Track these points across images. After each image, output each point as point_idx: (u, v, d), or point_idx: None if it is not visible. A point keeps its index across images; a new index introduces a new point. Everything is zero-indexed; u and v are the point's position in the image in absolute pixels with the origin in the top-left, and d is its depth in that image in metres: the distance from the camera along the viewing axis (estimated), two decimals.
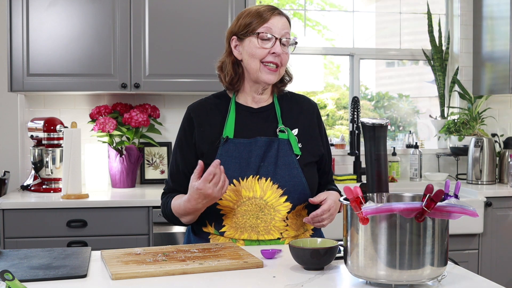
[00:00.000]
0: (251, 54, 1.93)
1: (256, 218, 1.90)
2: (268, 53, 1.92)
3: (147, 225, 3.06)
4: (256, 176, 1.90)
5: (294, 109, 2.05)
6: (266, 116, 2.01)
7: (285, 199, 1.91)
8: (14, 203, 2.99)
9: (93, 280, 1.54)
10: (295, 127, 2.01)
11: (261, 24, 1.92)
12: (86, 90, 3.33)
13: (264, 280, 1.53)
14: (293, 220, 1.94)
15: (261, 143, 1.93)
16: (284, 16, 1.97)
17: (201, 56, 3.39)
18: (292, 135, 1.98)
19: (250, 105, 2.02)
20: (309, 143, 2.01)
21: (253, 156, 1.92)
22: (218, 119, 1.98)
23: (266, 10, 1.95)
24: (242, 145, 1.93)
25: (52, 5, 3.27)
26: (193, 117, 2.00)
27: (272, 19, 1.93)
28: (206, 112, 2.01)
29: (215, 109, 2.01)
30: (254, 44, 1.92)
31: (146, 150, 3.68)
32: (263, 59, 1.92)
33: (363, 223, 1.41)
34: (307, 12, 4.19)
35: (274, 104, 2.04)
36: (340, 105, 4.28)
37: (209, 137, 1.96)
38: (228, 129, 1.95)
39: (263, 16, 1.93)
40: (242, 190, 1.89)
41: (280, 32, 1.93)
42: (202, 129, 1.97)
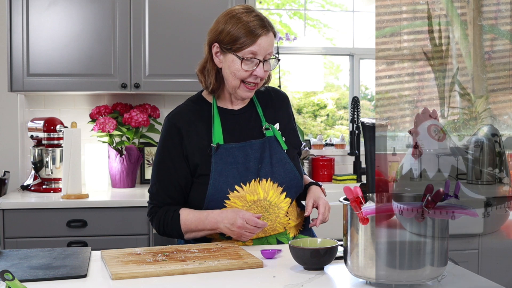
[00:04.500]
0: (232, 72, 1.89)
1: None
2: (250, 74, 1.89)
3: (147, 225, 3.06)
4: (257, 179, 1.91)
5: (271, 104, 2.05)
6: (249, 116, 2.01)
7: (285, 195, 1.94)
8: (14, 203, 2.99)
9: (93, 280, 1.54)
10: (276, 121, 2.02)
11: (248, 46, 1.85)
12: (86, 90, 3.33)
13: (264, 280, 1.53)
14: (291, 211, 1.98)
15: (257, 146, 1.94)
16: (271, 32, 1.90)
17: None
18: (277, 131, 1.99)
19: (231, 107, 2.00)
20: (290, 135, 2.04)
21: (251, 160, 1.92)
22: (204, 126, 1.95)
23: (253, 30, 1.86)
24: (235, 149, 1.92)
25: (52, 5, 3.27)
26: (180, 127, 1.94)
27: (260, 40, 1.86)
28: (189, 120, 1.95)
29: (197, 116, 1.97)
30: (236, 65, 1.87)
31: (146, 150, 3.68)
32: (244, 79, 1.90)
33: (363, 223, 1.41)
34: (308, 12, 4.19)
35: (254, 103, 2.03)
36: (340, 105, 4.28)
37: (198, 146, 1.92)
38: (216, 135, 1.92)
39: (249, 38, 1.85)
40: (246, 195, 1.90)
41: (264, 53, 1.88)
42: (190, 139, 1.93)
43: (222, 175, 1.89)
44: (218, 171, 1.89)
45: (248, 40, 1.85)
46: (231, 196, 1.88)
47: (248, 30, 1.86)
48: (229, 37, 1.88)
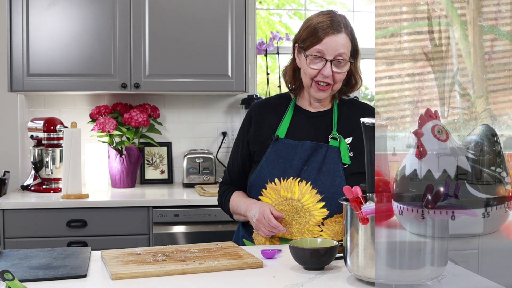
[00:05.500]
0: (303, 71, 1.97)
1: (292, 219, 1.92)
2: (317, 73, 1.92)
3: (147, 225, 3.06)
4: (296, 178, 1.92)
5: (353, 117, 1.98)
6: (322, 121, 2.01)
7: (322, 205, 1.90)
8: (14, 203, 2.99)
9: (93, 280, 1.54)
10: (350, 135, 1.97)
11: (314, 45, 1.91)
12: (86, 90, 3.33)
13: (264, 280, 1.53)
14: (329, 226, 1.92)
15: (307, 147, 1.95)
16: (343, 32, 1.91)
17: (201, 56, 3.39)
18: (344, 143, 1.95)
19: (308, 108, 2.04)
20: (362, 153, 1.86)
21: (296, 158, 1.94)
22: (276, 118, 2.03)
23: (322, 28, 1.90)
24: (290, 146, 1.96)
25: (52, 5, 3.27)
26: (252, 115, 2.07)
27: (326, 40, 1.89)
28: (265, 111, 2.06)
29: (274, 108, 2.06)
30: (305, 63, 1.94)
31: (146, 150, 3.68)
32: (313, 77, 1.94)
33: (363, 223, 1.41)
34: (307, 11, 4.19)
35: (332, 110, 2.02)
36: None
37: (263, 135, 2.02)
38: (281, 129, 2.00)
39: (317, 36, 1.90)
40: (281, 190, 1.93)
41: (333, 53, 1.89)
42: (258, 127, 2.03)
43: (269, 166, 1.96)
44: (268, 161, 1.97)
45: (315, 39, 1.91)
46: (268, 186, 1.94)
47: (316, 29, 1.92)
48: (302, 38, 1.96)
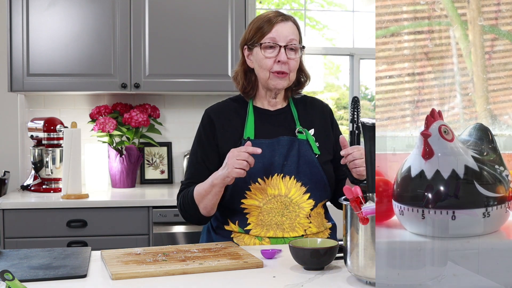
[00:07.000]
0: (260, 65, 1.98)
1: (282, 215, 1.93)
2: (274, 62, 1.96)
3: (147, 225, 3.06)
4: (280, 174, 1.95)
5: (309, 111, 2.10)
6: (284, 118, 2.06)
7: (308, 196, 1.95)
8: (14, 203, 2.99)
9: (93, 280, 1.54)
10: (311, 127, 2.06)
11: (265, 35, 1.96)
12: (86, 90, 3.33)
13: (264, 280, 1.53)
14: (314, 217, 1.99)
15: (284, 142, 1.98)
16: (290, 21, 1.99)
17: (201, 56, 3.39)
18: (310, 135, 2.03)
19: (266, 108, 2.07)
20: (325, 142, 2.06)
21: (276, 155, 1.96)
22: (238, 121, 2.03)
23: (269, 19, 1.97)
24: (264, 145, 1.96)
25: (52, 5, 3.27)
26: (213, 119, 2.03)
27: (276, 27, 1.96)
28: (225, 115, 2.05)
29: (234, 112, 2.06)
30: (260, 55, 1.97)
31: (146, 150, 3.68)
32: (271, 69, 1.97)
33: (363, 223, 1.41)
34: (308, 11, 4.19)
35: (290, 107, 2.09)
36: (340, 105, 4.29)
37: (230, 138, 2.00)
38: (248, 130, 2.00)
39: (266, 26, 1.96)
40: (268, 188, 1.93)
41: (285, 39, 1.96)
42: (223, 131, 2.01)
43: None
44: None
45: (266, 28, 1.96)
46: (253, 187, 1.93)
47: (265, 20, 1.97)
48: (252, 32, 1.99)
